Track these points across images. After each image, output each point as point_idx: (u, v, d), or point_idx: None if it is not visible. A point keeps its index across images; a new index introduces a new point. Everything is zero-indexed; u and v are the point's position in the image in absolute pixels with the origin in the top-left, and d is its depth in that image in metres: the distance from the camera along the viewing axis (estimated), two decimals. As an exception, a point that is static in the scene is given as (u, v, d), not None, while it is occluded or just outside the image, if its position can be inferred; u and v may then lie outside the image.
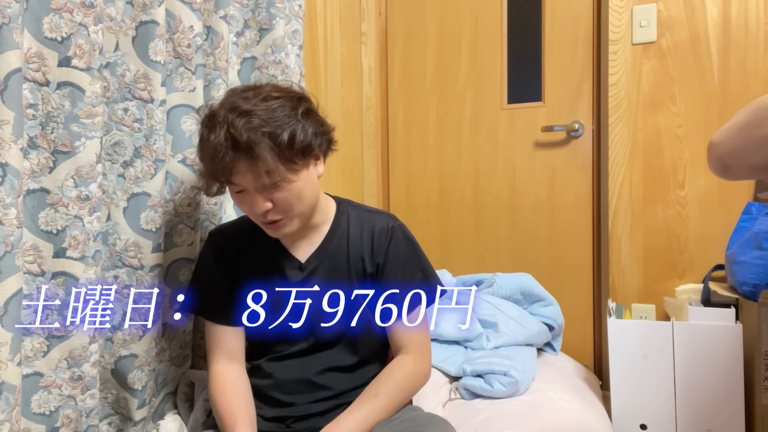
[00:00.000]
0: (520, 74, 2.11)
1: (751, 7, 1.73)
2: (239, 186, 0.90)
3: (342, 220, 1.04)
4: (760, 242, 1.43)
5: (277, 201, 0.91)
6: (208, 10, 1.22)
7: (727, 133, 0.86)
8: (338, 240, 1.03)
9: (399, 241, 1.02)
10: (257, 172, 0.87)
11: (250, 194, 0.91)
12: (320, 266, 1.02)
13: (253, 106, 0.87)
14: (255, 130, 0.85)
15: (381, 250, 1.01)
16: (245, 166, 0.87)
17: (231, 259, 1.03)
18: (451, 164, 2.20)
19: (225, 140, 0.85)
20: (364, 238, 1.02)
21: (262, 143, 0.85)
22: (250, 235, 1.03)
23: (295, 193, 0.91)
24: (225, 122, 0.86)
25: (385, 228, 1.02)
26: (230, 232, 1.06)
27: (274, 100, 0.89)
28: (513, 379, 1.32)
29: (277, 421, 1.00)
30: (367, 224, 1.03)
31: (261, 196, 0.90)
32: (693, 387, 1.49)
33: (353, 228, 1.03)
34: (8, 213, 0.80)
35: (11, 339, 0.81)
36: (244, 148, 0.85)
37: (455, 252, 2.19)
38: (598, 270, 2.00)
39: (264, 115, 0.86)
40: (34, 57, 0.88)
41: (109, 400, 1.08)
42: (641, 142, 1.84)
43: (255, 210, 0.91)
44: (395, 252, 1.02)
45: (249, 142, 0.84)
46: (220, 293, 1.02)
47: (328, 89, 1.87)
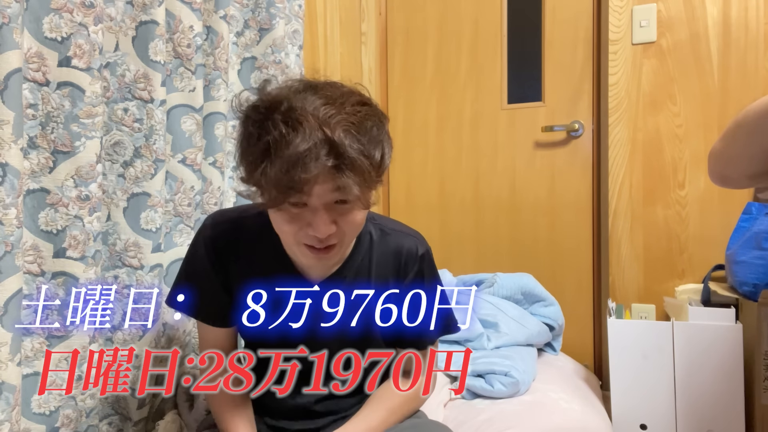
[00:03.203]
0: (520, 74, 2.11)
1: (751, 7, 1.73)
2: (307, 199, 0.74)
3: (364, 240, 0.92)
4: (760, 242, 1.43)
5: (341, 224, 0.78)
6: (208, 10, 1.22)
7: (722, 142, 0.86)
8: (359, 266, 0.91)
9: (426, 270, 0.94)
10: (341, 188, 0.73)
11: (316, 212, 0.75)
12: (333, 295, 0.90)
13: (347, 114, 0.72)
14: (355, 139, 0.72)
15: (408, 275, 0.92)
16: (330, 178, 0.72)
17: (228, 260, 0.92)
18: (451, 164, 2.20)
19: (317, 146, 0.69)
20: (389, 265, 0.92)
21: (359, 158, 0.72)
22: (255, 236, 0.90)
23: (359, 219, 0.80)
24: (317, 121, 0.70)
25: (414, 253, 0.93)
26: (230, 229, 0.92)
27: (362, 106, 0.75)
28: (513, 380, 1.32)
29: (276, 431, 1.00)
30: (393, 246, 0.93)
31: (328, 215, 0.76)
32: (693, 387, 1.49)
33: (377, 252, 0.92)
34: (8, 213, 0.79)
35: (11, 339, 0.81)
36: (340, 158, 0.70)
37: (455, 252, 2.19)
38: (598, 270, 2.00)
39: (358, 125, 0.73)
40: (34, 57, 0.88)
41: (109, 400, 1.08)
42: (641, 142, 1.84)
43: (318, 231, 0.75)
44: (421, 280, 0.93)
45: (347, 152, 0.70)
46: (212, 297, 0.93)
47: (328, 89, 1.86)
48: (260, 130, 0.73)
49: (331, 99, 0.73)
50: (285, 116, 0.71)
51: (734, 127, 0.83)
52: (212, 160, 1.26)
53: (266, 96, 0.76)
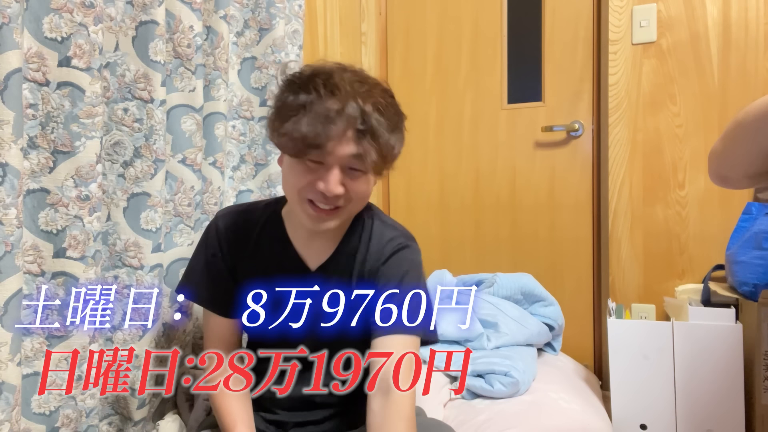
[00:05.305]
0: (520, 74, 2.11)
1: (751, 7, 1.73)
2: (326, 158, 0.82)
3: (357, 227, 0.97)
4: (760, 242, 1.43)
5: (349, 189, 0.84)
6: (208, 10, 1.22)
7: (722, 142, 0.86)
8: (349, 250, 0.96)
9: (402, 259, 0.94)
10: (359, 155, 0.81)
11: (330, 170, 0.82)
12: (328, 279, 0.95)
13: (376, 95, 0.83)
14: (381, 116, 0.81)
15: (380, 258, 0.94)
16: (352, 141, 0.81)
17: (235, 253, 0.98)
18: (451, 164, 2.20)
19: (347, 109, 0.79)
20: (371, 251, 0.95)
21: (382, 132, 0.81)
22: (261, 226, 0.98)
23: (365, 190, 0.88)
24: (352, 90, 0.80)
25: (394, 241, 0.95)
26: (239, 221, 0.99)
27: (389, 96, 0.86)
28: (513, 380, 1.32)
29: (276, 425, 1.00)
30: (377, 234, 0.96)
31: (341, 176, 0.83)
32: (693, 387, 1.49)
33: (365, 237, 0.96)
34: (8, 213, 0.80)
35: (11, 339, 0.81)
36: (365, 125, 0.80)
37: (455, 252, 2.19)
38: (598, 270, 2.00)
39: (384, 108, 0.82)
40: (34, 57, 0.88)
41: (109, 400, 1.08)
42: (641, 142, 1.84)
43: (328, 186, 0.82)
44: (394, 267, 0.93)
45: (372, 123, 0.80)
46: (220, 284, 0.98)
47: (328, 89, 1.86)
48: (300, 89, 0.82)
49: (366, 80, 0.84)
50: (325, 81, 0.81)
51: (734, 127, 0.83)
52: (212, 160, 1.26)
53: (309, 66, 0.87)
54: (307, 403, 0.99)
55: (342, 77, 0.82)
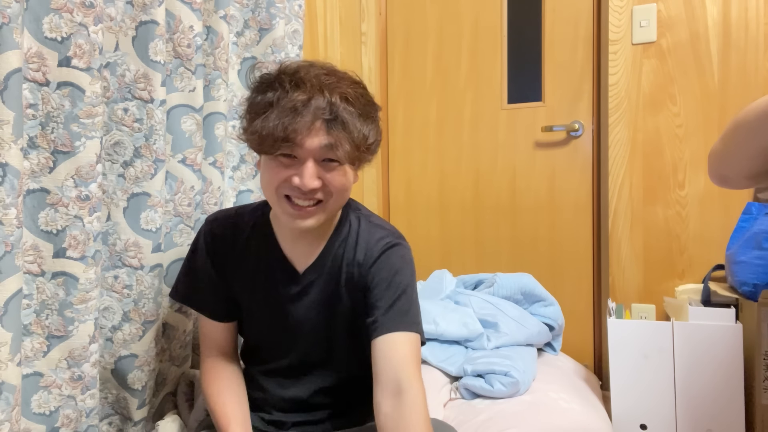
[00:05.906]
0: (520, 74, 2.11)
1: (751, 7, 1.73)
2: (298, 151, 0.81)
3: (344, 227, 0.96)
4: (760, 242, 1.43)
5: (327, 181, 0.83)
6: (208, 10, 1.22)
7: (722, 142, 0.86)
8: (336, 250, 0.94)
9: (393, 257, 0.92)
10: (331, 145, 0.80)
11: (304, 163, 0.82)
12: (316, 281, 0.95)
13: (344, 86, 0.82)
14: (349, 105, 0.81)
15: (370, 258, 0.92)
16: (321, 132, 0.80)
17: (225, 257, 0.98)
18: (451, 164, 2.20)
19: (314, 101, 0.79)
20: (359, 251, 0.93)
21: (351, 120, 0.80)
22: (249, 229, 0.98)
23: (343, 182, 0.85)
24: (318, 83, 0.80)
25: (383, 240, 0.93)
26: (229, 225, 0.99)
27: (358, 87, 0.85)
28: (513, 379, 1.32)
29: (275, 425, 1.01)
30: (365, 234, 0.94)
31: (315, 169, 0.82)
32: (693, 387, 1.49)
33: (352, 237, 0.95)
34: (8, 213, 0.79)
35: (11, 339, 0.81)
36: (333, 115, 0.80)
37: (455, 252, 2.19)
38: (598, 270, 2.00)
39: (353, 97, 0.82)
40: (34, 57, 0.88)
41: (109, 400, 1.08)
42: (641, 142, 1.84)
43: (303, 180, 0.81)
44: (385, 266, 0.91)
45: (340, 113, 0.80)
46: (209, 289, 0.99)
47: (328, 89, 1.86)
48: (268, 88, 0.83)
49: (333, 73, 0.84)
50: (291, 77, 0.82)
51: (734, 127, 0.83)
52: (212, 160, 1.26)
53: (276, 65, 0.88)
54: (305, 405, 0.99)
55: (308, 71, 0.83)
